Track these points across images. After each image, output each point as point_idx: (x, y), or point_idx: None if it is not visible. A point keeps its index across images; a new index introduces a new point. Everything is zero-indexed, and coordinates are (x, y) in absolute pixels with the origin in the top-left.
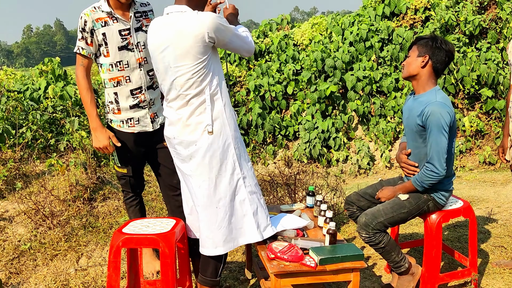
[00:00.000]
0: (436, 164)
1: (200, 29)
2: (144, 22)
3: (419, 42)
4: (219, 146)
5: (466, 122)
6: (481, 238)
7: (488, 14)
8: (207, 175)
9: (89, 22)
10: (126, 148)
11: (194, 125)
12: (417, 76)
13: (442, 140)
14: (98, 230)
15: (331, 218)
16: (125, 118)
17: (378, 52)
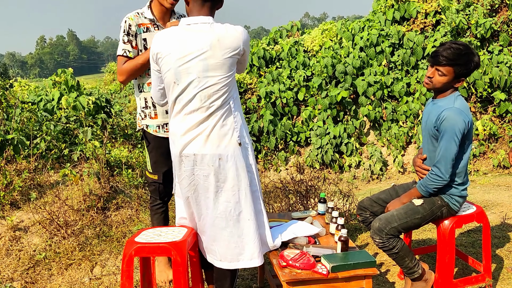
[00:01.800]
0: (441, 169)
1: (238, 41)
2: None
3: (457, 64)
4: (245, 157)
5: (479, 125)
6: (495, 243)
7: (500, 17)
8: (240, 187)
9: (133, 26)
10: (160, 154)
11: (220, 138)
12: (445, 89)
13: (452, 146)
14: (111, 239)
15: (342, 225)
16: (161, 123)
17: (389, 57)
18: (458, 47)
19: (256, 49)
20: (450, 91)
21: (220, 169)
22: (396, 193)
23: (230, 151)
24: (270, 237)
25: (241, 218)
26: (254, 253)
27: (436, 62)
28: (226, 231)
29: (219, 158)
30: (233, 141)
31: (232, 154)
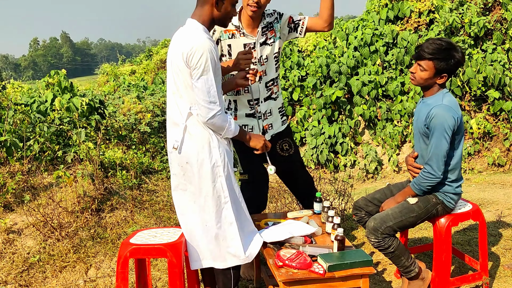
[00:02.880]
0: (433, 166)
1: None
2: (269, 35)
3: (437, 58)
4: (211, 163)
5: (473, 124)
6: (492, 241)
7: (493, 15)
8: (201, 193)
9: (217, 32)
10: (244, 153)
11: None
12: (429, 86)
13: (442, 143)
14: (106, 241)
15: (339, 224)
16: (240, 124)
17: (383, 56)
18: (439, 42)
19: None
20: (438, 89)
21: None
22: (391, 193)
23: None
24: (241, 249)
25: (202, 222)
26: (216, 259)
27: (417, 56)
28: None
29: (186, 162)
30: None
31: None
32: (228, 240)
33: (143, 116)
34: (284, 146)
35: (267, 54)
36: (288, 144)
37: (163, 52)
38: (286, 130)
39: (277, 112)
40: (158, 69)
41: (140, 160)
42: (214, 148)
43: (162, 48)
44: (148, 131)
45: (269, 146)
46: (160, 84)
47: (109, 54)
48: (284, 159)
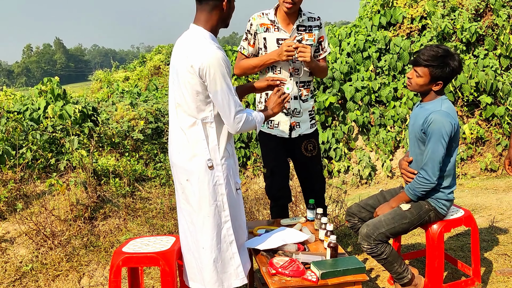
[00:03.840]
0: (429, 172)
1: None
2: (306, 36)
3: (432, 65)
4: (213, 182)
5: (466, 129)
6: (484, 247)
7: (484, 21)
8: (199, 214)
9: (254, 25)
10: (267, 149)
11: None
12: (425, 92)
13: (439, 149)
14: (99, 249)
15: (332, 231)
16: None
17: (376, 62)
18: (436, 49)
19: None
20: (435, 95)
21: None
22: (383, 198)
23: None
24: (240, 268)
25: (199, 244)
26: (209, 282)
27: (414, 62)
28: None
29: (186, 179)
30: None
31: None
32: (226, 261)
33: (136, 123)
34: (309, 146)
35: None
36: (312, 145)
37: (156, 58)
38: (314, 133)
39: (307, 114)
40: (152, 76)
41: (133, 168)
42: (217, 166)
43: (156, 54)
44: (141, 138)
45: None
46: (154, 90)
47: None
48: (307, 159)
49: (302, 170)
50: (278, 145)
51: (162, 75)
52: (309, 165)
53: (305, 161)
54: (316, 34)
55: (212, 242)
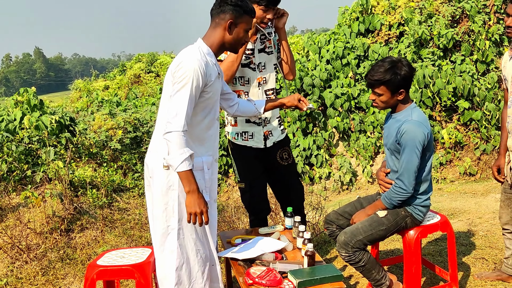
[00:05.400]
0: (405, 181)
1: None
2: (267, 44)
3: (386, 81)
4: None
5: (444, 134)
6: (463, 251)
7: (461, 27)
8: (153, 216)
9: None
10: (243, 162)
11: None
12: (393, 105)
13: (413, 159)
14: (76, 262)
15: (309, 239)
16: (240, 131)
17: (355, 68)
18: (381, 64)
19: None
20: (403, 104)
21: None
22: (361, 205)
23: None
24: (172, 282)
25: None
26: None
27: (369, 85)
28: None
29: (150, 176)
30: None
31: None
32: (165, 268)
33: (114, 132)
34: (284, 155)
35: (265, 62)
36: (287, 153)
37: (136, 67)
38: (286, 139)
39: (276, 121)
40: (132, 84)
41: (111, 178)
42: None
43: (136, 62)
44: (119, 148)
45: (206, 220)
46: (134, 99)
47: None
48: (283, 168)
49: (279, 180)
50: (254, 157)
51: (142, 83)
52: (286, 174)
53: (282, 170)
54: (274, 40)
55: (158, 245)
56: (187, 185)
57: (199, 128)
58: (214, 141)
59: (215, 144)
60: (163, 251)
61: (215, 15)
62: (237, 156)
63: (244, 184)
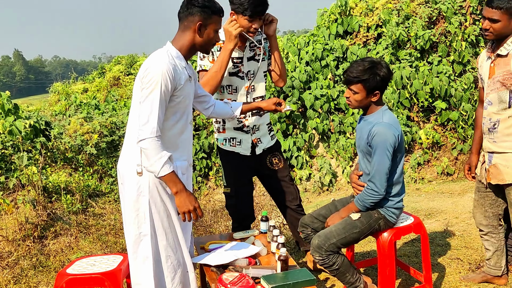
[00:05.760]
0: (376, 183)
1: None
2: (257, 51)
3: (364, 79)
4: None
5: (422, 134)
6: (438, 251)
7: (437, 29)
8: (125, 221)
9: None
10: (230, 167)
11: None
12: (366, 106)
13: (384, 161)
14: (49, 269)
15: (283, 244)
16: (228, 137)
17: (334, 70)
18: (362, 63)
19: None
20: (376, 106)
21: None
22: (335, 208)
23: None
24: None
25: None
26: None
27: (346, 82)
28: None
29: (121, 183)
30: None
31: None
32: (139, 275)
33: (90, 137)
34: (273, 160)
35: (254, 70)
36: (277, 158)
37: (116, 69)
38: (276, 145)
39: (265, 128)
40: (111, 87)
41: (86, 183)
42: (145, 174)
43: (115, 65)
44: (95, 153)
45: (200, 215)
46: (112, 102)
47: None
48: (273, 172)
49: (271, 186)
50: (242, 163)
51: (122, 86)
52: (276, 179)
53: (272, 175)
54: (266, 47)
55: (131, 252)
56: (173, 187)
57: (171, 133)
58: (188, 145)
59: (189, 148)
60: (136, 258)
61: (183, 18)
62: (225, 162)
63: (229, 189)
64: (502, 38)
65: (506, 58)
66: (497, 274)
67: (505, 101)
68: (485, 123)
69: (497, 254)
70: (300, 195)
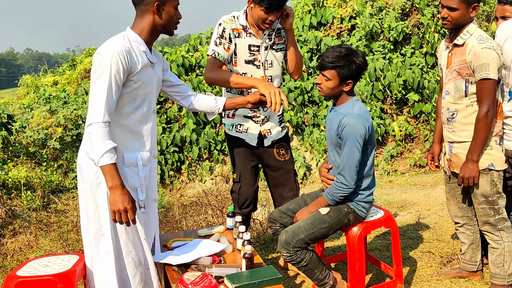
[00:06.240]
0: (346, 176)
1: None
2: (276, 41)
3: (338, 66)
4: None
5: (395, 126)
6: (410, 245)
7: (410, 20)
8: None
9: (228, 30)
10: (236, 153)
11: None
12: (337, 95)
13: (354, 153)
14: (6, 270)
15: (248, 241)
16: (236, 122)
17: (308, 62)
18: (339, 49)
19: (174, 57)
20: (346, 97)
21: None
22: (304, 202)
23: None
24: (114, 285)
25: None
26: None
27: (320, 66)
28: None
29: (81, 175)
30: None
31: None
32: (101, 272)
33: (54, 130)
34: (280, 150)
35: (272, 60)
36: (284, 149)
37: (87, 61)
38: (285, 136)
39: (276, 119)
40: (82, 79)
41: (49, 178)
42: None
43: (86, 57)
44: (58, 147)
45: (131, 218)
46: (83, 94)
47: (36, 64)
48: (280, 164)
49: (274, 177)
50: (248, 150)
51: None
52: (281, 170)
53: (278, 166)
54: (285, 36)
55: (92, 248)
56: (109, 180)
57: (130, 120)
58: (151, 136)
59: (152, 139)
60: (98, 254)
61: (139, 3)
62: (231, 147)
63: (236, 175)
64: (459, 27)
65: (462, 47)
66: (472, 269)
67: (461, 90)
68: (444, 113)
69: (472, 247)
70: (299, 192)
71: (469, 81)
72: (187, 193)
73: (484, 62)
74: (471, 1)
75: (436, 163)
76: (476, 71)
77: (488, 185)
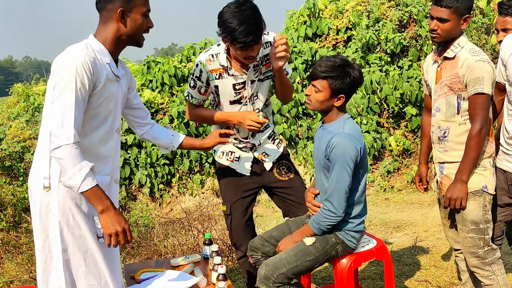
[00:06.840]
0: (334, 203)
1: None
2: (263, 69)
3: (331, 77)
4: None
5: (392, 141)
6: (406, 272)
7: (408, 32)
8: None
9: (204, 73)
10: (226, 182)
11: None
12: (327, 110)
13: (344, 177)
14: None
15: (224, 275)
16: (226, 150)
17: (303, 74)
18: (333, 59)
19: (167, 67)
20: (337, 113)
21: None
22: (289, 230)
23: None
24: None
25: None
26: None
27: (311, 76)
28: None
29: (32, 200)
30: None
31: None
32: None
33: (31, 143)
34: (282, 169)
35: (259, 91)
36: (286, 167)
37: None
38: (284, 152)
39: (266, 140)
40: None
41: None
42: (54, 188)
43: None
44: None
45: (129, 238)
46: None
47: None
48: (286, 184)
49: (281, 199)
50: (243, 178)
51: None
52: (289, 190)
53: (284, 186)
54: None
55: (41, 282)
56: (98, 204)
57: (90, 140)
58: (113, 157)
59: (115, 161)
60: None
61: (102, 8)
62: (221, 176)
63: (225, 207)
64: (449, 41)
65: (453, 60)
66: None
67: (453, 106)
68: (434, 132)
69: (473, 277)
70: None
71: (461, 97)
72: (177, 208)
73: (478, 76)
74: (462, 12)
75: (425, 186)
76: (469, 85)
77: (480, 209)
